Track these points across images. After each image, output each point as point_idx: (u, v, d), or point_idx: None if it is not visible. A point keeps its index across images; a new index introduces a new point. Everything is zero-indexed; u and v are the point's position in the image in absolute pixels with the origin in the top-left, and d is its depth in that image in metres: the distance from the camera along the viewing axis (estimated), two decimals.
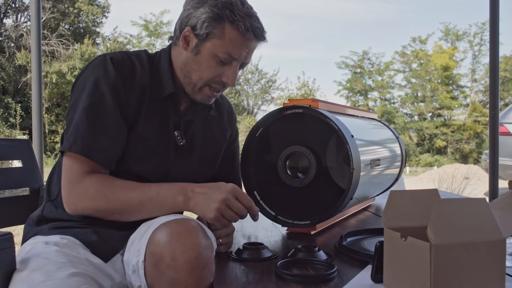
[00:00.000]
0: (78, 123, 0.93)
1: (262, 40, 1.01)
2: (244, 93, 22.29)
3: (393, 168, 1.51)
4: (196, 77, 1.00)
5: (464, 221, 0.62)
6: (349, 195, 1.05)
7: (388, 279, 0.71)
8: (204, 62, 0.99)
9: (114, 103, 0.95)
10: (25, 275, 0.79)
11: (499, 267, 0.63)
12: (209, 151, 1.13)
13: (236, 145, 1.24)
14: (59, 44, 17.01)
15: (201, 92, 1.02)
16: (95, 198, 0.90)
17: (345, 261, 0.89)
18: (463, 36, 22.53)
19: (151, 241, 0.81)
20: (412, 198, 0.73)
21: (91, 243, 0.94)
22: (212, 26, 0.96)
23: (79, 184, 0.91)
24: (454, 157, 21.16)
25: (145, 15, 23.93)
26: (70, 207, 0.92)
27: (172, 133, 1.03)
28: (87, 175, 0.91)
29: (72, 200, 0.91)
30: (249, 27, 0.96)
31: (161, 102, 1.02)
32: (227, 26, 0.96)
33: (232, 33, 0.96)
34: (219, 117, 1.17)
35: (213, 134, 1.14)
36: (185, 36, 0.99)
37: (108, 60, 0.97)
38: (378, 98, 23.62)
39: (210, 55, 0.98)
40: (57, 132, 16.15)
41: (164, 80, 1.02)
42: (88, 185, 0.90)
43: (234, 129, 1.23)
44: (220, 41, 0.96)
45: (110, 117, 0.94)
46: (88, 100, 0.94)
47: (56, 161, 1.14)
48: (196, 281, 0.77)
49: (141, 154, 0.99)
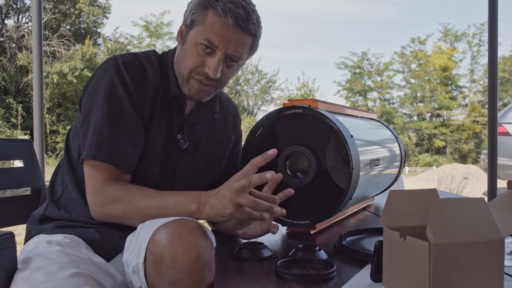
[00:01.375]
0: (99, 129, 0.92)
1: (245, 30, 0.94)
2: (244, 93, 22.28)
3: (392, 168, 1.51)
4: (182, 67, 0.99)
5: (463, 221, 0.62)
6: (348, 195, 1.06)
7: (387, 278, 0.71)
8: (187, 50, 0.98)
9: (132, 107, 0.96)
10: (27, 275, 0.79)
11: (498, 267, 0.63)
12: (214, 154, 1.13)
13: (240, 148, 1.24)
14: (60, 45, 17.03)
15: (188, 84, 1.00)
16: (115, 206, 0.91)
17: (345, 260, 0.89)
18: (462, 37, 22.57)
19: (151, 242, 0.81)
20: (411, 198, 0.73)
21: (94, 241, 0.95)
22: (197, 13, 0.95)
23: (100, 193, 0.92)
24: (453, 157, 21.19)
25: (145, 16, 23.93)
26: (95, 214, 0.94)
27: (175, 136, 1.04)
28: (107, 184, 0.92)
29: (96, 208, 0.93)
30: (227, 11, 0.92)
31: (168, 104, 1.02)
32: (210, 13, 0.94)
33: (213, 19, 0.94)
34: (224, 120, 1.17)
35: (218, 137, 1.14)
36: (181, 31, 1.00)
37: (120, 64, 0.97)
38: (377, 98, 23.64)
39: (192, 43, 0.96)
40: (58, 132, 16.19)
41: (171, 82, 1.03)
42: (109, 193, 0.92)
43: (239, 132, 1.23)
44: (201, 27, 0.95)
45: (130, 122, 0.95)
46: (107, 105, 0.93)
47: (58, 161, 1.14)
48: (196, 281, 0.77)
49: (149, 157, 0.99)
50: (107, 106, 0.93)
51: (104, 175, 0.92)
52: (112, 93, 0.94)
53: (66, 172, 1.04)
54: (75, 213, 1.01)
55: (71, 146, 1.05)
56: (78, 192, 1.01)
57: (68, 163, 1.05)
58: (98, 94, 0.95)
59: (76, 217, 1.00)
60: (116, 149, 0.92)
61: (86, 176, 0.95)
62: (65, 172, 1.05)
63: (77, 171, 1.02)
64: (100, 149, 0.92)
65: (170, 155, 1.03)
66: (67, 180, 1.03)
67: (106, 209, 0.92)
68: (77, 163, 1.02)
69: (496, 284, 0.63)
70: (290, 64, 39.30)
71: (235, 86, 21.17)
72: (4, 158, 1.23)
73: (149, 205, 0.90)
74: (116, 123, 0.93)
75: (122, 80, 0.95)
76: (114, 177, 0.93)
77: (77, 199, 1.01)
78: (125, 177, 0.95)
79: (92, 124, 0.93)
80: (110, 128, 0.93)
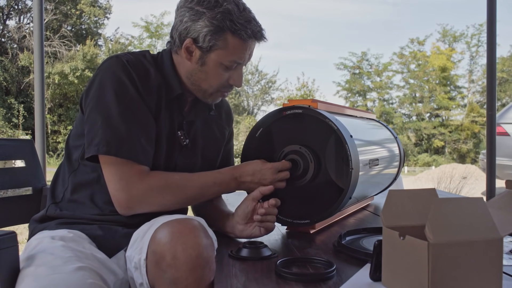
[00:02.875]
0: (115, 126, 0.93)
1: (263, 40, 1.05)
2: (244, 93, 22.28)
3: (391, 168, 1.52)
4: (206, 85, 1.04)
5: (462, 220, 0.62)
6: (348, 195, 1.06)
7: (386, 277, 0.72)
8: (211, 71, 1.02)
9: (144, 104, 0.97)
10: (31, 270, 0.80)
11: (496, 266, 0.63)
12: (210, 150, 1.15)
13: (231, 144, 1.28)
14: (61, 45, 17.07)
15: (212, 96, 1.07)
16: (162, 193, 0.96)
17: (344, 259, 0.89)
18: (461, 38, 22.60)
19: (152, 240, 0.82)
20: (410, 198, 0.74)
21: (97, 237, 0.96)
22: (214, 39, 0.98)
23: (140, 184, 0.93)
24: (452, 157, 21.22)
25: (146, 17, 24.04)
26: (130, 206, 0.95)
27: (176, 133, 1.05)
28: (142, 175, 0.94)
29: (134, 200, 0.94)
30: (251, 34, 0.99)
31: (169, 102, 1.04)
32: (229, 36, 0.98)
33: (235, 42, 0.99)
34: (218, 117, 1.20)
35: (213, 134, 1.17)
36: (187, 47, 1.01)
37: (125, 62, 0.97)
38: (377, 98, 23.67)
39: (216, 65, 1.01)
40: (60, 132, 16.23)
41: (171, 81, 1.04)
42: (152, 183, 0.95)
43: (231, 129, 1.27)
44: (224, 51, 0.99)
45: (144, 118, 0.97)
46: (120, 102, 0.94)
47: (59, 161, 1.15)
48: (196, 279, 0.78)
49: (156, 153, 1.00)
50: (120, 102, 0.94)
51: (131, 170, 0.94)
52: (123, 90, 0.95)
53: (67, 174, 1.04)
54: (78, 213, 1.01)
55: (71, 148, 1.05)
56: (81, 192, 1.02)
57: (69, 165, 1.05)
58: (106, 92, 0.95)
59: (79, 215, 1.01)
60: (135, 145, 0.94)
61: (109, 172, 0.94)
62: (66, 174, 1.05)
63: (79, 172, 1.03)
64: (120, 146, 0.92)
65: (172, 151, 1.05)
66: (68, 182, 1.04)
67: (150, 199, 0.94)
68: (78, 164, 1.02)
69: (495, 283, 0.64)
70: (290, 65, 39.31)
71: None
72: (5, 158, 1.24)
73: (193, 187, 1.00)
74: (131, 119, 0.95)
75: (130, 77, 0.96)
76: (141, 171, 0.95)
77: (80, 200, 1.02)
78: (147, 171, 0.97)
79: (104, 119, 0.93)
80: (126, 124, 0.93)
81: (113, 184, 0.94)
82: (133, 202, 0.94)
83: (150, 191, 0.94)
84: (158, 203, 0.96)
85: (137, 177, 0.93)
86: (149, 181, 0.94)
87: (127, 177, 0.93)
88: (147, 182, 0.94)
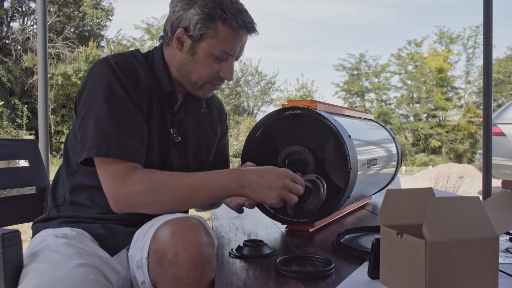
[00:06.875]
0: (104, 128, 0.92)
1: (254, 33, 1.03)
2: (244, 94, 22.23)
3: (389, 168, 1.53)
4: (196, 76, 1.03)
5: (459, 219, 0.63)
6: (346, 194, 1.07)
7: (384, 275, 0.72)
8: (201, 61, 1.01)
9: (133, 104, 0.97)
10: (34, 266, 0.80)
11: (493, 264, 0.64)
12: (201, 148, 1.15)
13: (226, 141, 1.28)
14: (64, 47, 17.08)
15: (202, 89, 1.06)
16: (146, 193, 0.89)
17: (343, 258, 0.90)
18: (457, 39, 22.67)
19: (154, 238, 0.82)
20: (407, 197, 0.74)
21: (99, 236, 0.96)
22: (205, 27, 0.97)
23: (126, 181, 0.90)
24: (449, 156, 21.27)
25: (147, 19, 23.98)
26: (121, 205, 0.91)
27: (169, 131, 1.06)
28: (130, 173, 0.91)
29: (121, 199, 0.90)
30: (241, 24, 0.98)
31: (160, 100, 1.04)
32: (220, 25, 0.98)
33: (226, 31, 0.98)
34: (209, 114, 1.19)
35: (204, 131, 1.17)
36: (178, 37, 1.01)
37: (113, 64, 0.97)
38: (375, 99, 23.70)
39: (206, 55, 1.00)
40: (63, 133, 16.26)
41: (161, 79, 1.04)
42: (136, 181, 0.90)
43: (225, 126, 1.26)
44: (215, 40, 0.98)
45: (134, 118, 0.96)
46: (108, 104, 0.93)
47: (60, 163, 1.15)
48: (197, 277, 0.78)
49: (149, 152, 1.00)
50: (109, 105, 0.94)
51: (121, 168, 0.91)
52: (112, 93, 0.95)
53: (66, 177, 1.05)
54: (79, 214, 1.02)
55: (69, 151, 1.05)
56: (81, 194, 1.02)
57: (68, 168, 1.05)
58: (96, 95, 0.95)
59: (81, 215, 1.01)
60: (125, 144, 0.93)
61: (101, 172, 0.94)
62: (65, 177, 1.05)
63: (78, 175, 1.03)
64: (110, 146, 0.91)
65: (166, 149, 1.05)
66: (67, 185, 1.04)
67: (136, 198, 0.89)
68: (76, 167, 1.02)
69: (491, 280, 0.64)
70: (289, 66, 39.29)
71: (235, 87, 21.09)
72: (9, 158, 1.24)
73: (181, 186, 0.90)
74: (120, 120, 0.94)
75: (119, 80, 0.96)
76: (128, 168, 0.92)
77: (80, 201, 1.02)
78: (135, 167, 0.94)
79: (94, 123, 0.93)
80: (115, 125, 0.93)
81: (104, 184, 0.93)
82: (121, 199, 0.91)
83: (133, 190, 0.89)
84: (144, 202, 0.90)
85: (123, 174, 0.91)
86: (134, 178, 0.90)
87: (114, 174, 0.91)
88: (131, 180, 0.90)
